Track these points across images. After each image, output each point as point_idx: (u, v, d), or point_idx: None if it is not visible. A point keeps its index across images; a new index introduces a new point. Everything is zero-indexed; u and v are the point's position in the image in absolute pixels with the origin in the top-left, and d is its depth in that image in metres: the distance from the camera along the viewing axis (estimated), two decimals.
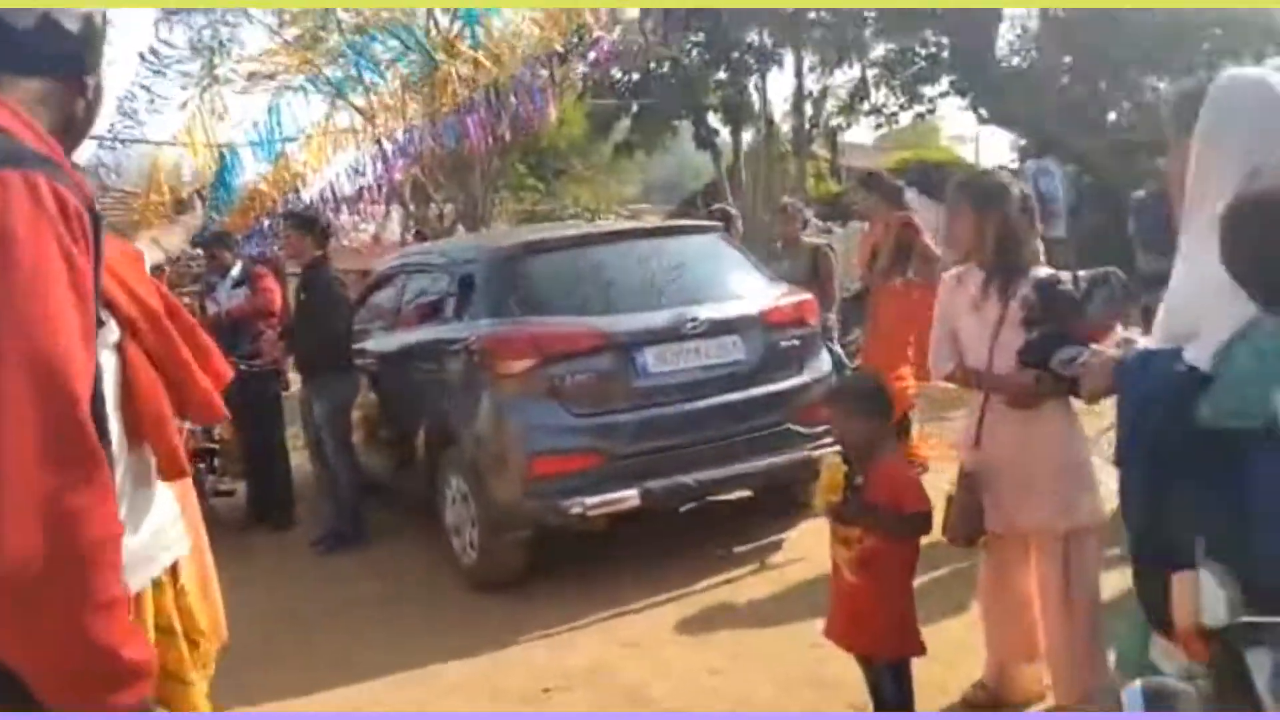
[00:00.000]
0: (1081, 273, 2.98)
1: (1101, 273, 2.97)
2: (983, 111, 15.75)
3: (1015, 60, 15.79)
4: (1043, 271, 3.08)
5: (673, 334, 4.81)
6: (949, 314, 3.22)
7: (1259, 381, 1.87)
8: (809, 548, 5.06)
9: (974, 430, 3.15)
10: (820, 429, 5.12)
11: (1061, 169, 10.67)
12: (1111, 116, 14.99)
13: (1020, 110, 14.65)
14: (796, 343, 5.15)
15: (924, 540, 2.95)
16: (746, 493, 5.32)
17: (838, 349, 5.95)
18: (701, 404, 4.80)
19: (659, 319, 4.85)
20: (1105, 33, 13.84)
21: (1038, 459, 3.05)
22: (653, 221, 6.49)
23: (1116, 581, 3.76)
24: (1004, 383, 3.04)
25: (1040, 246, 3.17)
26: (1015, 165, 15.57)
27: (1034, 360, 2.96)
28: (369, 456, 6.05)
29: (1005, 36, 15.90)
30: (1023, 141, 16.92)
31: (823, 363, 5.29)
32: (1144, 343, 2.18)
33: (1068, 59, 14.34)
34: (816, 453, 5.01)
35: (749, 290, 5.26)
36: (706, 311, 4.90)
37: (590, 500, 4.48)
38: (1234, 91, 1.95)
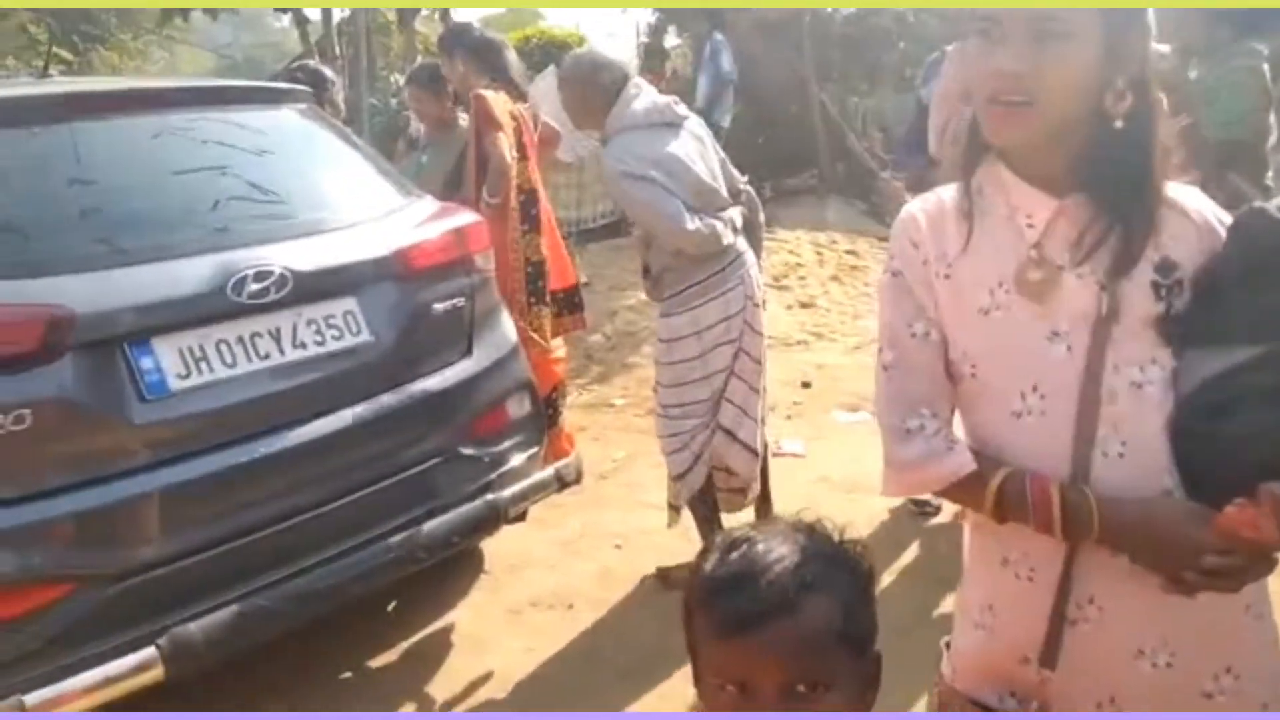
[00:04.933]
0: None
1: None
2: None
3: None
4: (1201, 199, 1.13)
5: (218, 308, 2.38)
6: (926, 311, 1.21)
7: None
8: (501, 632, 3.01)
9: (1041, 624, 1.17)
10: (508, 444, 3.00)
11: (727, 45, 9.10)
12: None
13: None
14: (460, 301, 2.90)
15: None
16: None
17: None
18: (287, 440, 2.43)
19: (186, 277, 2.38)
20: None
21: (1208, 695, 1.16)
22: (166, 81, 3.74)
23: None
24: (1150, 527, 1.07)
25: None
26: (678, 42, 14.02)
27: (1244, 455, 1.04)
28: None
29: None
30: (653, 18, 15.28)
31: (504, 332, 3.10)
32: None
33: None
34: (505, 492, 2.90)
35: (368, 210, 2.89)
36: (287, 256, 2.50)
37: (35, 695, 2.02)
38: None
